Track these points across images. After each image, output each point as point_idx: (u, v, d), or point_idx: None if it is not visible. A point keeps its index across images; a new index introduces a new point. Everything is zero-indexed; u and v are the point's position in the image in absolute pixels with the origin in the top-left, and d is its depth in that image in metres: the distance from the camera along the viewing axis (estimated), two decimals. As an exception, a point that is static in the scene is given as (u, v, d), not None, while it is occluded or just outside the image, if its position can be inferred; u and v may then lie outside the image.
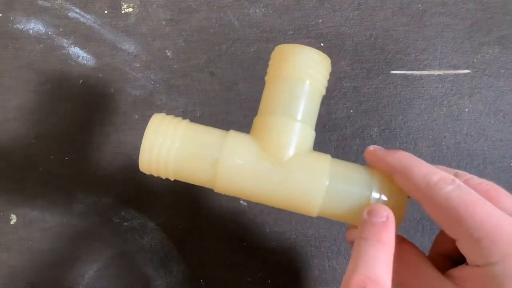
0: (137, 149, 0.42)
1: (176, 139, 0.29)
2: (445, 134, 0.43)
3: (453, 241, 0.28)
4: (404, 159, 0.29)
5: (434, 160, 0.42)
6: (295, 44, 0.31)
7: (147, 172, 0.30)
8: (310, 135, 0.31)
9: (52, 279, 0.40)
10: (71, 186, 0.41)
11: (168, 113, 0.42)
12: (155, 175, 0.30)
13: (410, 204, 0.42)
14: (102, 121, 0.42)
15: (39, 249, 0.41)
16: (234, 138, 0.30)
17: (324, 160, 0.30)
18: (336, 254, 0.41)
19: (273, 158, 0.29)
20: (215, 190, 0.30)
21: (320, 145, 0.42)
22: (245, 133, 0.31)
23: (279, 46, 0.31)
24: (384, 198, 0.29)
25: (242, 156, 0.29)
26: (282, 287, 0.41)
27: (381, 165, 0.30)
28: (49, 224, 0.41)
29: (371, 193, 0.29)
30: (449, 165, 0.42)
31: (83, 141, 0.42)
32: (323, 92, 0.32)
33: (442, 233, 0.32)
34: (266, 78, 0.32)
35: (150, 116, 0.42)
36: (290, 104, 0.30)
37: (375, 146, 0.31)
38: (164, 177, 0.30)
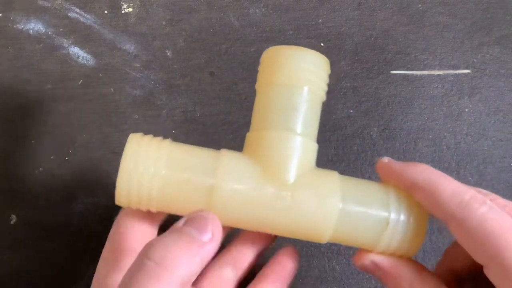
0: (137, 149, 0.42)
1: (161, 164, 0.25)
2: (445, 134, 0.43)
3: (466, 259, 0.26)
4: (428, 173, 0.26)
5: (434, 160, 0.42)
6: (288, 46, 0.27)
7: (124, 206, 0.26)
8: (313, 149, 0.27)
9: (52, 279, 0.40)
10: (71, 186, 0.41)
11: (168, 113, 0.42)
12: (134, 207, 0.26)
13: (410, 204, 0.42)
14: (102, 121, 0.42)
15: (39, 249, 0.40)
16: (229, 159, 0.26)
17: (333, 179, 0.26)
18: (336, 254, 0.41)
19: (275, 181, 0.25)
20: None
21: (320, 145, 0.42)
22: (237, 151, 0.27)
23: (269, 49, 0.28)
24: (403, 218, 0.26)
25: (241, 180, 0.25)
26: (282, 287, 0.41)
27: (399, 179, 0.27)
28: (49, 224, 0.41)
29: (389, 214, 0.26)
30: (449, 165, 0.42)
31: (83, 141, 0.42)
32: (324, 98, 0.29)
33: (454, 250, 0.30)
34: (257, 86, 0.28)
35: (150, 116, 0.43)
36: (288, 116, 0.26)
37: (389, 158, 0.28)
38: (145, 210, 0.26)
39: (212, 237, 0.23)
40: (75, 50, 0.43)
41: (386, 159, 0.28)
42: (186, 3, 0.44)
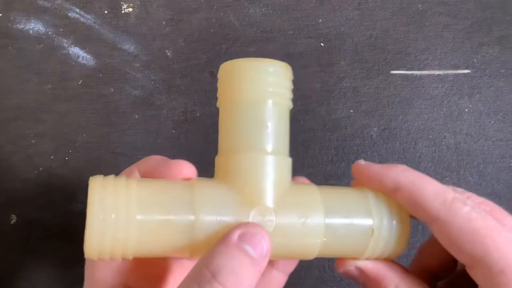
0: (137, 149, 0.42)
1: (133, 208, 0.22)
2: (445, 134, 0.43)
3: (440, 258, 0.26)
4: (409, 175, 0.25)
5: (434, 160, 0.42)
6: (244, 59, 0.25)
7: (95, 259, 0.23)
8: (287, 166, 0.26)
9: (52, 279, 0.40)
10: (71, 186, 0.41)
11: (168, 113, 0.42)
12: (107, 259, 0.23)
13: (410, 204, 0.42)
14: (102, 121, 0.42)
15: (39, 249, 0.40)
16: (204, 190, 0.24)
17: (314, 195, 0.25)
18: (336, 254, 0.41)
19: (255, 206, 0.24)
20: (191, 259, 0.25)
21: (320, 145, 0.42)
22: (209, 178, 0.26)
23: (225, 63, 0.26)
24: (386, 223, 0.26)
25: (221, 211, 0.23)
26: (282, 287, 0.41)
27: (380, 183, 0.26)
28: (49, 224, 0.41)
29: (373, 221, 0.25)
30: (449, 165, 0.42)
31: (83, 141, 0.42)
32: (291, 106, 0.26)
33: (428, 248, 0.29)
34: (218, 103, 0.26)
35: (150, 116, 0.43)
36: (256, 135, 0.24)
37: (366, 161, 0.27)
38: (119, 259, 0.24)
39: (266, 254, 0.23)
40: (75, 50, 0.43)
41: (363, 162, 0.27)
42: (186, 3, 0.44)
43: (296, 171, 0.42)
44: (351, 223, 0.25)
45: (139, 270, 0.26)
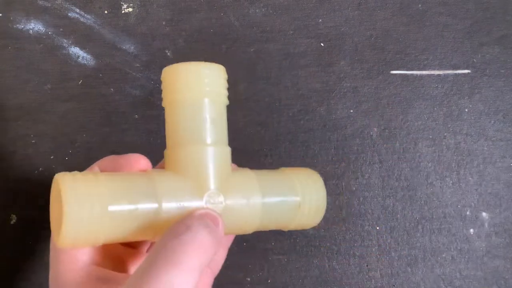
0: (137, 149, 0.42)
1: (105, 200, 0.25)
2: (445, 134, 0.43)
3: None
4: None
5: (434, 160, 0.42)
6: (181, 63, 0.29)
7: (68, 248, 0.26)
8: (227, 154, 0.30)
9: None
10: (71, 186, 0.41)
11: (168, 113, 0.42)
12: (79, 247, 0.27)
13: (409, 204, 0.42)
14: (102, 121, 0.42)
15: (39, 249, 0.40)
16: (162, 180, 0.27)
17: (251, 179, 0.30)
18: (336, 254, 0.41)
19: (205, 191, 0.28)
20: (153, 240, 0.28)
21: (320, 145, 0.42)
22: (162, 170, 0.29)
23: (166, 68, 0.29)
24: (308, 198, 0.31)
25: (178, 197, 0.27)
26: (282, 287, 0.41)
27: None
28: (49, 224, 0.41)
29: (299, 197, 0.31)
30: (449, 165, 0.42)
31: (83, 141, 0.42)
32: (226, 102, 0.30)
33: None
34: (163, 103, 0.30)
35: (150, 116, 0.43)
36: (196, 129, 0.28)
37: None
38: (91, 246, 0.27)
39: (221, 230, 0.27)
40: (75, 50, 0.43)
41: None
42: (186, 3, 0.44)
43: (296, 171, 0.42)
44: (283, 200, 0.30)
45: (103, 249, 0.28)
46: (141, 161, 0.28)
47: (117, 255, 0.30)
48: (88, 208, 0.24)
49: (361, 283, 0.41)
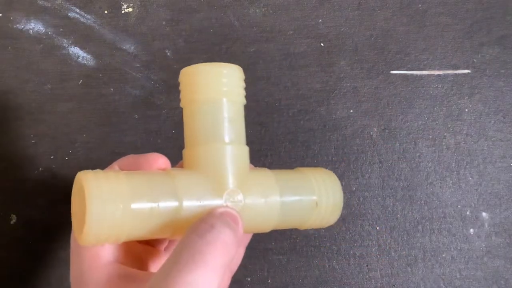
0: (137, 149, 0.42)
1: (127, 199, 0.25)
2: (445, 134, 0.43)
3: None
4: None
5: (434, 160, 0.42)
6: (199, 64, 0.29)
7: (90, 245, 0.26)
8: (245, 153, 0.30)
9: (52, 279, 0.40)
10: (71, 186, 0.41)
11: (168, 113, 0.42)
12: (100, 245, 0.27)
13: (409, 204, 0.42)
14: (102, 121, 0.42)
15: (39, 249, 0.40)
16: (183, 179, 0.27)
17: (270, 178, 0.30)
18: (336, 254, 0.41)
19: (225, 189, 0.28)
20: (172, 238, 0.29)
21: (320, 145, 0.42)
22: (181, 169, 0.29)
23: (184, 69, 0.30)
24: (325, 198, 0.31)
25: (199, 196, 0.27)
26: (282, 287, 0.41)
27: None
28: (49, 224, 0.41)
29: (316, 197, 0.31)
30: (449, 165, 0.42)
31: (83, 141, 0.42)
32: (244, 101, 0.31)
33: None
34: (181, 104, 0.30)
35: (150, 116, 0.43)
36: (215, 128, 0.29)
37: None
38: (112, 243, 0.27)
39: (240, 228, 0.27)
40: (75, 50, 0.43)
41: None
42: (186, 3, 0.44)
43: (296, 171, 0.42)
44: (300, 199, 0.30)
45: (124, 247, 0.29)
46: (160, 160, 0.29)
47: (137, 253, 0.30)
48: (111, 206, 0.25)
49: (361, 283, 0.41)
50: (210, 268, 0.23)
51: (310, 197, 0.31)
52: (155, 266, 0.31)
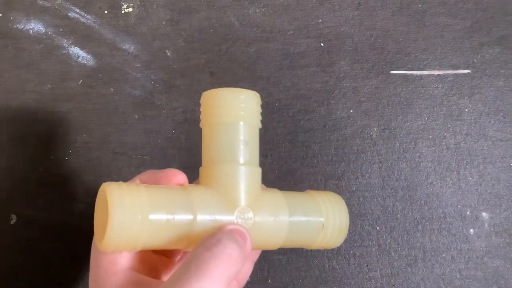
0: (137, 149, 0.42)
1: (146, 210, 0.27)
2: (445, 134, 0.43)
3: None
4: None
5: (434, 160, 0.42)
6: (220, 89, 0.31)
7: (109, 252, 0.28)
8: (258, 174, 0.32)
9: (52, 279, 0.40)
10: (71, 186, 0.41)
11: (168, 113, 0.42)
12: (118, 252, 0.29)
13: (409, 204, 0.42)
14: (102, 121, 0.42)
15: (39, 249, 0.41)
16: (198, 194, 0.29)
17: (279, 198, 0.32)
18: (336, 254, 0.41)
19: (236, 207, 0.30)
20: (185, 249, 0.30)
21: (320, 145, 0.42)
22: (196, 185, 0.31)
23: (205, 92, 0.32)
24: (332, 220, 0.32)
25: (212, 211, 0.29)
26: (282, 287, 0.41)
27: None
28: (49, 224, 0.41)
29: (323, 218, 0.32)
30: (449, 165, 0.42)
31: (83, 141, 0.42)
32: (259, 125, 0.32)
33: None
34: (201, 124, 0.32)
35: (150, 116, 0.43)
36: (231, 150, 0.31)
37: None
38: (130, 251, 0.29)
39: (249, 245, 0.29)
40: (75, 50, 0.43)
41: None
42: (186, 3, 0.44)
43: (296, 171, 0.42)
44: (308, 220, 0.32)
45: (140, 256, 0.31)
46: (178, 176, 0.30)
47: (152, 262, 0.31)
48: (131, 216, 0.26)
49: (361, 283, 0.41)
50: (216, 279, 0.25)
51: (318, 219, 0.32)
52: (168, 275, 0.32)
